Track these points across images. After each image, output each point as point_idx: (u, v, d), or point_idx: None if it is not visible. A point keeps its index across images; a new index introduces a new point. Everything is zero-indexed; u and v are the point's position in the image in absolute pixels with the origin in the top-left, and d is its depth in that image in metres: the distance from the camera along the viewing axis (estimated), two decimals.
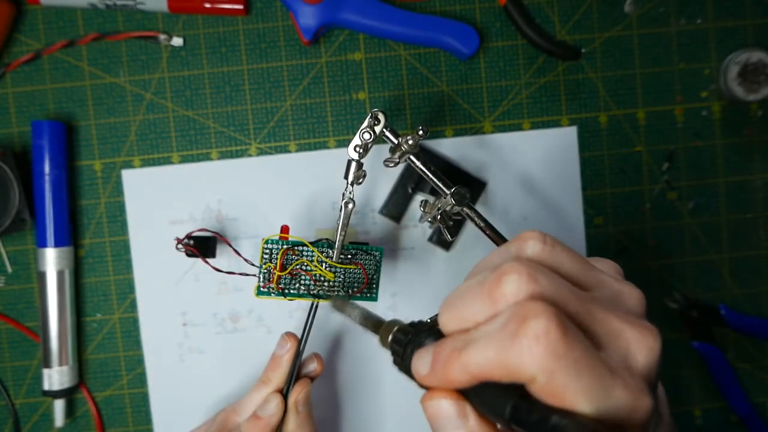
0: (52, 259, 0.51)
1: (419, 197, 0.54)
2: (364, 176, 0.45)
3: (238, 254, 0.50)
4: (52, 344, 0.52)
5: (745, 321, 0.54)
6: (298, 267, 0.46)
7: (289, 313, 0.54)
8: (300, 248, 0.46)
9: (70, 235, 0.53)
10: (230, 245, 0.51)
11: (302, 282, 0.47)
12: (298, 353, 0.47)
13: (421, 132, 0.43)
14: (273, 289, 0.46)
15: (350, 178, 0.44)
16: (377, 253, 0.47)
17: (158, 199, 0.54)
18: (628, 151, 0.55)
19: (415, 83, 0.54)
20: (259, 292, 0.46)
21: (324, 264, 0.46)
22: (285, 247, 0.46)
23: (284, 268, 0.46)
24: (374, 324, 0.31)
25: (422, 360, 0.26)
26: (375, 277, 0.48)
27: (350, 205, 0.44)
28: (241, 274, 0.48)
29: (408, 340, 0.27)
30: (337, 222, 0.45)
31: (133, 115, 0.54)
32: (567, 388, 0.21)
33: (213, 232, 0.51)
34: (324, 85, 0.54)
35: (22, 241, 0.54)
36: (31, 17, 0.53)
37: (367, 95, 0.54)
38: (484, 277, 0.25)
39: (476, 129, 0.54)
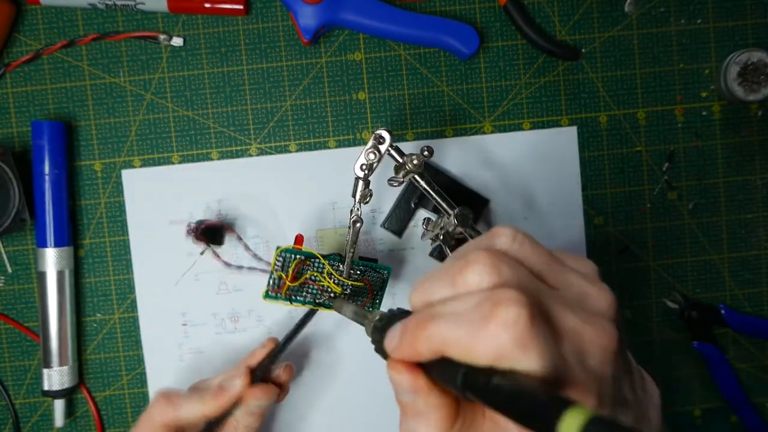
0: (52, 259, 0.51)
1: (422, 212, 0.54)
2: (371, 195, 0.44)
3: (248, 248, 0.51)
4: (52, 344, 0.52)
5: (745, 321, 0.54)
6: (308, 278, 0.46)
7: (289, 312, 0.54)
8: (311, 260, 0.46)
9: (70, 235, 0.53)
10: (241, 238, 0.52)
11: (309, 291, 0.47)
12: (274, 351, 0.48)
13: (426, 152, 0.43)
14: (281, 295, 0.46)
15: (357, 196, 0.44)
16: (385, 272, 0.48)
17: (158, 199, 0.54)
18: (628, 151, 0.55)
19: (415, 83, 0.54)
20: (267, 296, 0.47)
21: (333, 277, 0.46)
22: (299, 258, 0.46)
23: (296, 279, 0.46)
24: (363, 317, 0.34)
25: (392, 333, 0.27)
26: (380, 293, 0.48)
27: (358, 224, 0.44)
28: (250, 268, 0.50)
29: (383, 325, 0.30)
30: (346, 240, 0.45)
31: (133, 115, 0.54)
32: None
33: (223, 224, 0.52)
34: (324, 85, 0.54)
35: (22, 241, 0.54)
36: (31, 17, 0.53)
37: (367, 95, 0.54)
38: (451, 263, 0.26)
39: (476, 129, 0.54)
